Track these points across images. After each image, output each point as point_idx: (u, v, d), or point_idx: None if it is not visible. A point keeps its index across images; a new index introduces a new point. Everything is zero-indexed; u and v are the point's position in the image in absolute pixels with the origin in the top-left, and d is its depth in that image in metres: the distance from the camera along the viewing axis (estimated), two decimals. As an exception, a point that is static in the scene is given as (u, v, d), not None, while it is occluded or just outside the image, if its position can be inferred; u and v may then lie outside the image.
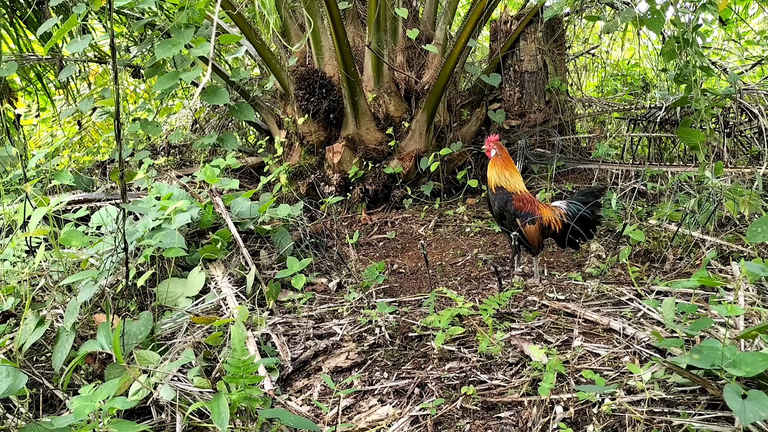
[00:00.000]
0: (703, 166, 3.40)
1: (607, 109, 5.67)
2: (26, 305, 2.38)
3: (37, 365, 2.57)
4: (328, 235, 4.09)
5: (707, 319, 2.18)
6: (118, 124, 2.43)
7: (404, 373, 2.44)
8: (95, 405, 1.79)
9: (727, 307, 1.85)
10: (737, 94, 4.53)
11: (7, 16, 4.96)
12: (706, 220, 3.37)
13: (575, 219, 3.12)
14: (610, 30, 4.13)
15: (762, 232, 2.39)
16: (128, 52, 5.41)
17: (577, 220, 3.11)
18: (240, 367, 1.93)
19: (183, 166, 5.52)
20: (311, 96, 4.58)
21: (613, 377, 2.18)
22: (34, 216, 2.81)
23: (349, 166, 4.61)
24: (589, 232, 3.21)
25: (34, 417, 2.21)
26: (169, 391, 2.12)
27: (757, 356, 1.76)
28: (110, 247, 2.74)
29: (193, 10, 2.88)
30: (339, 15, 4.08)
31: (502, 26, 5.29)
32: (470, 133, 5.16)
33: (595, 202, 3.17)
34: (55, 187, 4.24)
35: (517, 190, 3.16)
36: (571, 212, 3.15)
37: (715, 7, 3.39)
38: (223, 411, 1.82)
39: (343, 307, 3.05)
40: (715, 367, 1.84)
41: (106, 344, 2.17)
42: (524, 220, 3.12)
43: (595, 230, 3.27)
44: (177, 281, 2.89)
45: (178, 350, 2.52)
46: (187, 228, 3.27)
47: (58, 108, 6.15)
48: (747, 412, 1.61)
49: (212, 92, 3.10)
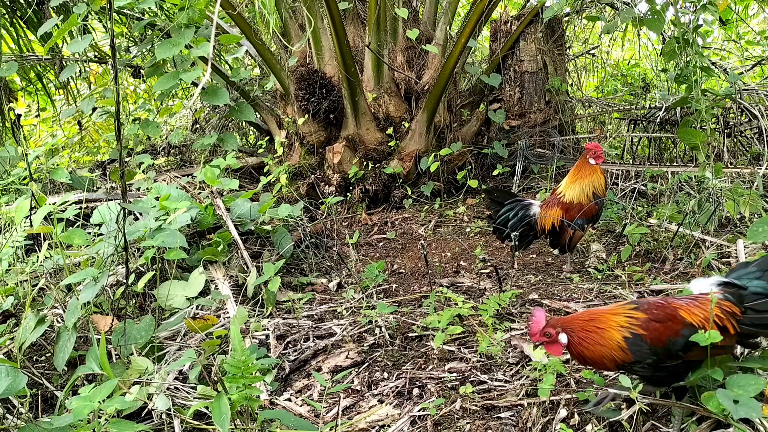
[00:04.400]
0: (703, 166, 3.40)
1: (607, 110, 5.67)
2: (26, 304, 2.38)
3: (37, 365, 2.57)
4: (328, 235, 4.09)
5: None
6: (118, 124, 2.43)
7: (404, 373, 2.44)
8: (94, 405, 1.79)
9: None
10: (737, 95, 4.52)
11: (7, 16, 4.96)
12: (707, 221, 3.37)
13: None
14: (610, 30, 4.13)
15: (763, 231, 2.39)
16: (128, 52, 5.40)
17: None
18: (240, 368, 1.93)
19: (183, 166, 5.52)
20: (311, 96, 4.58)
21: (613, 377, 2.18)
22: (37, 214, 2.81)
23: (349, 166, 4.60)
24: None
25: (34, 417, 2.21)
26: (164, 401, 2.11)
27: (749, 378, 1.76)
28: (111, 246, 2.73)
29: (193, 10, 2.87)
30: (339, 15, 4.08)
31: (502, 26, 5.29)
32: (470, 134, 5.16)
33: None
34: (55, 186, 4.24)
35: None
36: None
37: (715, 7, 3.39)
38: (224, 412, 1.82)
39: (343, 307, 3.05)
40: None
41: (97, 367, 2.17)
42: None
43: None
44: (177, 283, 2.89)
45: (175, 357, 2.51)
46: (187, 228, 3.27)
47: (58, 108, 6.15)
48: (739, 411, 1.67)
49: (212, 92, 3.10)
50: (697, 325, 1.83)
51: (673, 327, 1.83)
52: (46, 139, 6.57)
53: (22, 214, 2.86)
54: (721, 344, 1.80)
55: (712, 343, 1.76)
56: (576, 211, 3.18)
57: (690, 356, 1.84)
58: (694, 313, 1.86)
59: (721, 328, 1.83)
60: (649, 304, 1.90)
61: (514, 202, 3.37)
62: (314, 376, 2.44)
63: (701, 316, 1.85)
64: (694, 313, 1.86)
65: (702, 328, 1.82)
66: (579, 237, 3.25)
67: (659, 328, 1.83)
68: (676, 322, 1.84)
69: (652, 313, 1.86)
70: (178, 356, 2.50)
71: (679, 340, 1.82)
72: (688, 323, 1.84)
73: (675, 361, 1.84)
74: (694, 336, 1.79)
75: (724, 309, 1.86)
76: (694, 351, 1.82)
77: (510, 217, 3.32)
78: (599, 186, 3.19)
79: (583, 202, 3.18)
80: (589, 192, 3.18)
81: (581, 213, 3.16)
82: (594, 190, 3.18)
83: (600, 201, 3.19)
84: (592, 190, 3.18)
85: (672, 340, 1.82)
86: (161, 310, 2.82)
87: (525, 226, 3.30)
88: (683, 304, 1.89)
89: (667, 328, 1.83)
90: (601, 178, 3.20)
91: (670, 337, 1.82)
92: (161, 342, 2.61)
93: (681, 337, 1.82)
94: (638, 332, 1.82)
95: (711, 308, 1.82)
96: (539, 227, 3.29)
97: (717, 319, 1.84)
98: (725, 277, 1.97)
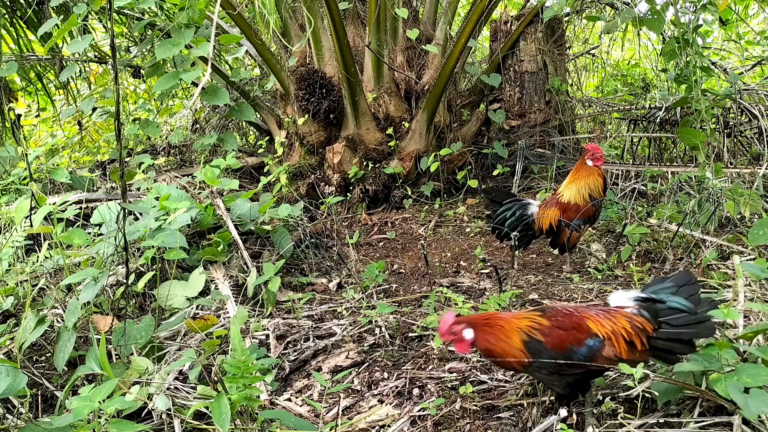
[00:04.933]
0: (703, 166, 3.40)
1: (607, 110, 5.67)
2: (26, 304, 2.38)
3: (37, 365, 2.57)
4: (328, 235, 4.09)
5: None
6: (118, 124, 2.43)
7: (404, 373, 2.44)
8: (94, 405, 1.79)
9: (724, 311, 1.84)
10: (737, 95, 4.52)
11: (7, 16, 4.95)
12: (707, 221, 3.37)
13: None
14: (610, 30, 4.13)
15: (763, 234, 2.39)
16: (128, 52, 5.40)
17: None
18: (240, 368, 1.93)
19: (183, 166, 5.52)
20: (311, 96, 4.58)
21: (613, 377, 2.18)
22: (37, 214, 2.81)
23: (349, 167, 4.60)
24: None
25: (34, 417, 2.21)
26: (164, 401, 2.11)
27: (759, 369, 1.77)
28: (111, 246, 2.73)
29: (193, 10, 2.87)
30: (339, 15, 4.08)
31: (502, 26, 5.29)
32: (470, 134, 5.16)
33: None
34: (55, 186, 4.24)
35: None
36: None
37: (715, 7, 3.39)
38: (225, 412, 1.82)
39: (343, 307, 3.05)
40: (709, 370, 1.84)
41: (97, 367, 2.17)
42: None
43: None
44: (177, 283, 2.89)
45: (175, 357, 2.51)
46: (187, 228, 3.26)
47: (58, 108, 6.14)
48: (751, 406, 1.67)
49: (212, 92, 3.09)
50: (603, 337, 1.84)
51: (577, 336, 1.85)
52: (46, 139, 6.57)
53: (22, 214, 2.86)
54: (627, 359, 1.82)
55: (619, 356, 1.82)
56: (573, 212, 3.18)
57: (592, 366, 1.85)
58: (603, 325, 1.87)
59: (629, 343, 1.84)
60: (557, 311, 1.92)
61: (512, 202, 3.38)
62: (314, 376, 2.44)
63: (609, 329, 1.86)
64: (602, 324, 1.87)
65: (609, 340, 1.84)
66: (576, 238, 3.26)
67: (561, 335, 1.85)
68: (581, 332, 1.86)
69: (557, 320, 1.88)
70: (178, 356, 2.50)
71: (581, 350, 1.84)
72: (593, 334, 1.85)
73: (576, 370, 1.85)
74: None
75: (634, 324, 1.86)
76: (598, 361, 1.84)
77: (507, 216, 3.34)
78: (595, 187, 3.18)
79: (580, 203, 3.18)
80: (585, 193, 3.18)
81: (579, 214, 3.17)
82: (590, 191, 3.17)
83: (597, 203, 3.18)
84: (588, 192, 3.18)
85: (573, 348, 1.84)
86: (161, 310, 2.82)
87: (523, 225, 3.31)
88: (593, 314, 1.91)
89: (570, 336, 1.85)
90: (598, 180, 3.19)
91: (572, 345, 1.84)
92: (161, 342, 2.61)
93: (584, 346, 1.84)
94: (537, 337, 1.85)
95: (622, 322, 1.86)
96: (537, 227, 3.30)
97: (625, 333, 1.84)
98: (642, 291, 1.97)
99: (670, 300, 1.88)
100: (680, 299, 1.88)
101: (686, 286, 1.93)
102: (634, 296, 1.95)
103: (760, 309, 2.12)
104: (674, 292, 1.91)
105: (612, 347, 1.84)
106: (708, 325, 1.85)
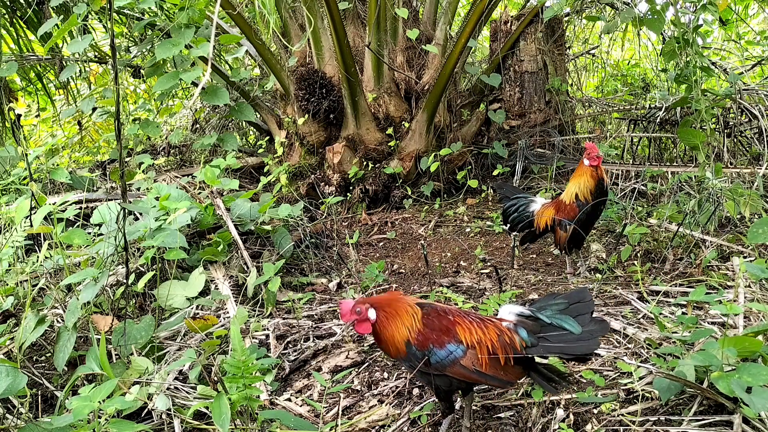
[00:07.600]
0: (703, 166, 3.40)
1: (607, 110, 5.67)
2: (26, 304, 2.38)
3: (37, 365, 2.57)
4: (328, 235, 4.09)
5: (707, 329, 2.20)
6: (118, 124, 2.43)
7: (404, 373, 2.44)
8: (94, 405, 1.79)
9: (727, 305, 1.85)
10: (737, 95, 4.53)
11: (7, 16, 4.96)
12: (707, 221, 3.37)
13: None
14: (610, 30, 4.13)
15: (763, 233, 2.39)
16: (128, 52, 5.40)
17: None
18: (240, 368, 1.93)
19: (183, 166, 5.52)
20: (311, 96, 4.58)
21: (613, 377, 2.18)
22: (37, 214, 2.81)
23: (349, 166, 4.60)
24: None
25: (34, 417, 2.21)
26: (164, 401, 2.11)
27: (760, 368, 1.78)
28: (111, 246, 2.73)
29: (193, 10, 2.87)
30: (339, 15, 4.08)
31: (502, 26, 5.29)
32: (470, 134, 5.16)
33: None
34: (55, 186, 4.23)
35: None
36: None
37: (715, 7, 3.39)
38: (225, 412, 1.82)
39: (343, 307, 3.05)
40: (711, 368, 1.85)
41: (97, 367, 2.17)
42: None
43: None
44: (177, 283, 2.89)
45: (175, 357, 2.51)
46: (187, 228, 3.27)
47: (58, 108, 6.15)
48: (756, 404, 1.69)
49: (212, 92, 3.09)
50: (466, 345, 1.82)
51: (441, 338, 1.84)
52: (46, 139, 6.57)
53: (22, 214, 2.86)
54: (489, 374, 1.81)
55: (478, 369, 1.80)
56: (564, 212, 3.18)
57: (451, 372, 1.83)
58: (472, 333, 1.84)
59: (493, 356, 1.81)
60: (432, 310, 1.90)
61: (517, 198, 3.41)
62: (314, 376, 2.44)
63: (476, 339, 1.83)
64: (472, 332, 1.84)
65: (472, 349, 1.81)
66: (564, 237, 3.21)
67: (427, 334, 1.85)
68: (447, 335, 1.84)
69: (428, 319, 1.87)
70: (178, 356, 2.50)
71: (439, 352, 1.82)
72: (458, 340, 1.83)
73: (436, 372, 1.85)
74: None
75: (503, 338, 1.84)
76: (454, 368, 1.82)
77: (511, 212, 3.37)
78: (585, 188, 3.14)
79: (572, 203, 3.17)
80: (577, 192, 3.17)
81: (564, 214, 3.16)
82: (579, 191, 3.15)
83: (580, 204, 3.13)
84: (577, 192, 3.16)
85: (433, 349, 1.83)
86: (161, 310, 2.82)
87: (524, 222, 3.32)
88: (467, 321, 1.88)
89: (436, 337, 1.84)
90: (590, 181, 3.11)
91: (433, 344, 1.83)
92: (161, 342, 2.61)
93: (443, 349, 1.82)
94: (409, 337, 1.85)
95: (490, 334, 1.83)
96: (535, 224, 3.31)
97: (491, 345, 1.82)
98: (529, 307, 1.93)
99: (553, 319, 1.84)
100: (563, 318, 1.83)
101: (578, 303, 1.87)
102: (519, 311, 1.91)
103: (761, 309, 2.12)
104: (562, 309, 1.86)
105: (474, 358, 1.81)
106: (588, 344, 1.79)
